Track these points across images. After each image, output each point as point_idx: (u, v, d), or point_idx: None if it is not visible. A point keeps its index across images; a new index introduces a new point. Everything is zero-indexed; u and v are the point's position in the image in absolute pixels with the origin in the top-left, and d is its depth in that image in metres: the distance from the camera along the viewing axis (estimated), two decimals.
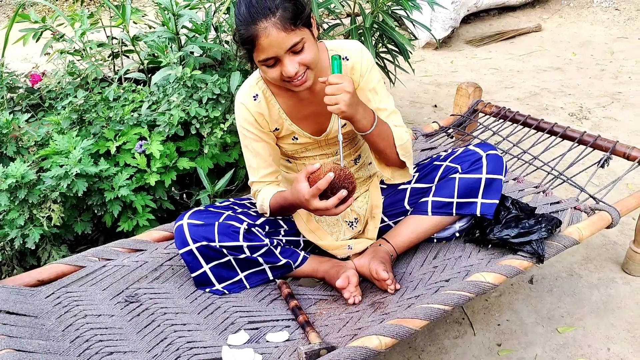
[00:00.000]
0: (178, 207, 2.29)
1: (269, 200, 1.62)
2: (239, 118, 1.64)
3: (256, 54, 1.43)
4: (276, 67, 1.43)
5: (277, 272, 1.71)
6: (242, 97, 1.62)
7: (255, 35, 1.38)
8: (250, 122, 1.61)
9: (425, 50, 5.03)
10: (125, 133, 2.14)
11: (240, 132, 1.65)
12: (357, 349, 1.32)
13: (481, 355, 1.85)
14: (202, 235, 1.59)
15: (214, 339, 1.48)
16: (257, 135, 1.63)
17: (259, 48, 1.40)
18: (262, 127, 1.63)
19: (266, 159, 1.66)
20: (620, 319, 1.98)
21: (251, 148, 1.65)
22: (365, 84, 1.63)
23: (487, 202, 1.71)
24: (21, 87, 2.43)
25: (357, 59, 1.61)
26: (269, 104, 1.62)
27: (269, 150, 1.66)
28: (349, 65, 1.61)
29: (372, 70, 1.63)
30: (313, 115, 1.65)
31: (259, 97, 1.61)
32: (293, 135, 1.67)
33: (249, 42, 1.40)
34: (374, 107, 1.63)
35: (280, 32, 1.37)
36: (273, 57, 1.41)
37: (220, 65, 2.54)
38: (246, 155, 1.67)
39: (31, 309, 1.51)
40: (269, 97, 1.62)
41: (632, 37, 5.19)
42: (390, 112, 1.66)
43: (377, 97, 1.65)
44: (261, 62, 1.44)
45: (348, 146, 1.76)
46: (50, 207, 1.93)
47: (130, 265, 1.70)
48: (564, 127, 2.29)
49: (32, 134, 2.08)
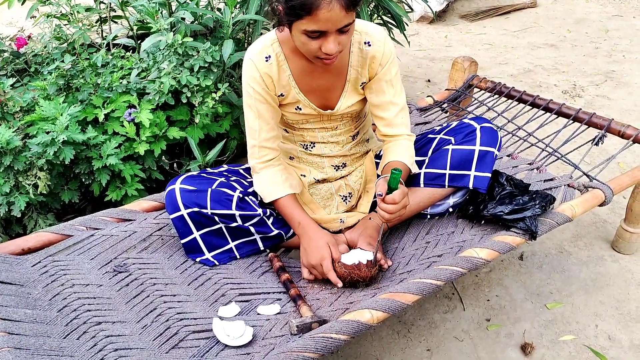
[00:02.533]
0: (167, 177, 2.25)
1: (278, 196, 1.62)
2: (246, 75, 1.57)
3: (305, 23, 1.34)
4: (318, 40, 1.38)
5: (268, 242, 1.69)
6: (253, 55, 1.55)
7: (317, 5, 1.30)
8: (257, 81, 1.55)
9: (419, 24, 4.97)
10: (113, 100, 2.08)
11: (245, 91, 1.59)
12: (349, 323, 1.31)
13: (470, 330, 1.85)
14: (194, 202, 1.56)
15: (205, 310, 1.46)
16: (263, 97, 1.57)
17: (315, 19, 1.32)
18: (268, 89, 1.57)
19: (269, 122, 1.61)
20: (608, 296, 1.99)
21: (255, 109, 1.59)
22: (384, 74, 1.60)
23: (480, 175, 1.69)
24: (6, 51, 2.36)
25: (379, 48, 1.57)
26: (280, 68, 1.56)
27: (272, 113, 1.61)
28: (370, 52, 1.57)
29: (392, 62, 1.60)
30: (322, 89, 1.62)
31: (271, 59, 1.55)
32: (297, 104, 1.63)
33: (304, 9, 1.31)
34: (388, 100, 1.63)
35: (342, 10, 1.31)
36: (322, 31, 1.35)
37: (212, 33, 2.48)
38: (248, 115, 1.61)
39: (17, 277, 1.48)
40: (281, 62, 1.56)
41: (627, 15, 5.16)
42: (401, 108, 1.66)
43: (392, 90, 1.63)
44: (307, 32, 1.36)
45: (349, 123, 1.74)
46: (37, 174, 1.89)
47: (119, 235, 1.67)
48: (560, 104, 2.28)
49: (18, 99, 2.02)
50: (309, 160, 1.77)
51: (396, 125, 1.67)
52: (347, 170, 1.80)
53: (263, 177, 1.64)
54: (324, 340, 1.26)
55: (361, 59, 1.58)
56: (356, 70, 1.60)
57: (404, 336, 1.82)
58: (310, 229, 1.60)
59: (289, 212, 1.62)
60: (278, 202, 1.63)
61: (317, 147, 1.74)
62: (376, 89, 1.63)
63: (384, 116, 1.66)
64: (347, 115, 1.69)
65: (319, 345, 1.26)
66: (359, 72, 1.61)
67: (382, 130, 1.69)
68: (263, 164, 1.64)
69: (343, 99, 1.64)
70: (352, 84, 1.63)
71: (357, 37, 1.57)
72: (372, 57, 1.58)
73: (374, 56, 1.58)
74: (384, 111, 1.65)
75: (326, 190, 1.78)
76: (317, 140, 1.73)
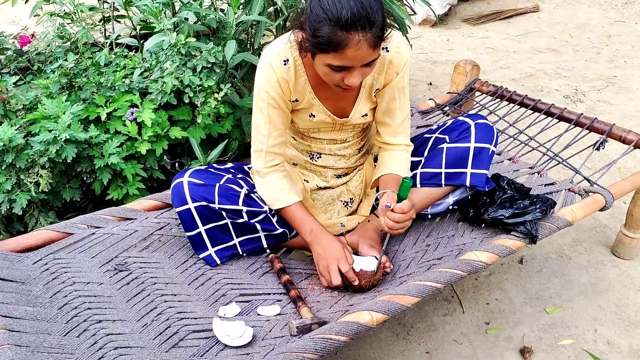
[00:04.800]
0: (169, 177, 2.25)
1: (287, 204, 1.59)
2: (261, 79, 1.51)
3: (330, 58, 1.31)
4: (341, 72, 1.35)
5: (271, 240, 1.69)
6: (271, 58, 1.49)
7: (345, 44, 1.27)
8: (273, 86, 1.50)
9: (421, 27, 4.97)
10: (116, 100, 2.09)
11: (257, 94, 1.54)
12: (348, 324, 1.31)
13: (469, 333, 1.86)
14: (202, 196, 1.55)
15: (205, 310, 1.46)
16: (277, 102, 1.53)
17: (341, 56, 1.30)
18: (284, 94, 1.53)
19: (279, 127, 1.57)
20: (608, 301, 1.99)
21: (266, 113, 1.54)
22: (397, 82, 1.58)
23: (477, 173, 1.68)
24: (9, 49, 2.36)
25: (397, 55, 1.55)
26: (297, 73, 1.52)
27: (283, 118, 1.57)
28: (388, 57, 1.54)
29: (407, 68, 1.59)
30: (337, 97, 1.58)
31: (289, 63, 1.49)
32: (311, 111, 1.60)
33: (331, 45, 1.28)
34: (396, 107, 1.62)
35: (370, 48, 1.29)
36: (347, 67, 1.34)
37: (215, 33, 2.48)
38: (258, 119, 1.57)
39: (18, 274, 1.48)
40: (298, 66, 1.51)
41: (629, 21, 5.16)
42: (406, 116, 1.66)
43: (403, 97, 1.62)
44: (331, 65, 1.34)
45: (358, 135, 1.73)
46: (39, 172, 1.89)
47: (120, 233, 1.67)
48: (561, 109, 2.28)
49: (21, 97, 2.03)
50: (312, 169, 1.77)
51: (399, 134, 1.66)
52: (348, 177, 1.80)
53: (269, 183, 1.61)
54: (323, 341, 1.27)
55: (379, 65, 1.54)
56: (372, 77, 1.57)
57: (403, 338, 1.82)
58: (323, 236, 1.58)
59: (300, 218, 1.60)
60: (287, 209, 1.60)
61: (323, 158, 1.73)
62: (388, 95, 1.60)
63: (389, 123, 1.65)
64: (358, 125, 1.68)
65: (319, 346, 1.26)
66: (375, 77, 1.58)
67: (384, 137, 1.67)
68: (269, 168, 1.61)
69: (357, 106, 1.61)
70: (367, 90, 1.60)
71: None
72: (389, 63, 1.55)
73: (391, 62, 1.55)
74: (390, 118, 1.64)
75: (328, 196, 1.78)
76: (324, 152, 1.72)
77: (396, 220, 1.44)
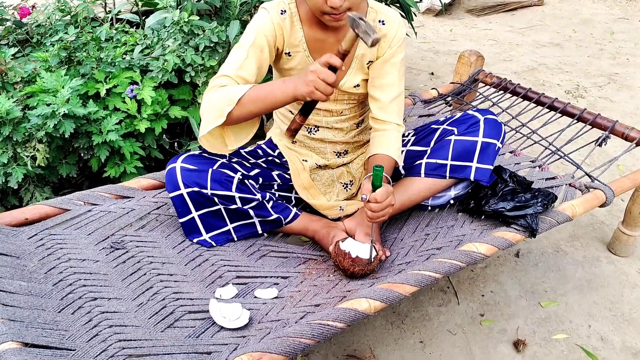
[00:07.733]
0: (167, 156, 2.23)
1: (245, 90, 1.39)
2: (255, 22, 1.50)
3: None
4: None
5: (266, 226, 1.68)
6: (268, 6, 1.53)
7: None
8: (265, 30, 1.49)
9: (425, 16, 4.93)
10: (116, 76, 2.05)
11: (246, 33, 1.51)
12: (346, 311, 1.30)
13: (464, 324, 1.86)
14: (194, 181, 1.54)
15: (201, 291, 1.45)
16: (262, 46, 1.49)
17: None
18: (277, 41, 1.52)
19: (251, 69, 1.47)
20: (602, 297, 2.00)
21: (246, 49, 1.48)
22: (390, 56, 1.60)
23: (481, 167, 1.68)
24: (9, 20, 2.31)
25: (393, 29, 1.58)
26: (292, 26, 1.54)
27: (259, 64, 1.50)
28: (383, 30, 1.57)
29: (401, 46, 1.61)
30: None
31: (286, 14, 1.53)
32: (304, 70, 1.57)
33: None
34: (388, 83, 1.61)
35: None
36: None
37: (217, 13, 2.45)
38: (235, 52, 1.49)
39: (13, 249, 1.46)
40: (295, 20, 1.54)
41: (633, 18, 5.15)
42: (398, 94, 1.64)
43: (395, 73, 1.62)
44: None
45: (355, 108, 1.72)
46: (35, 146, 1.86)
47: (117, 211, 1.65)
48: (565, 103, 2.27)
49: (19, 69, 1.99)
50: (311, 145, 1.76)
51: (389, 110, 1.64)
52: (349, 157, 1.79)
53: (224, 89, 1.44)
54: (320, 327, 1.26)
55: None
56: (364, 47, 1.59)
57: (398, 327, 1.82)
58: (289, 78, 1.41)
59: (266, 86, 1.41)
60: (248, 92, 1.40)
61: (321, 131, 1.72)
62: (380, 69, 1.61)
63: (379, 98, 1.63)
64: (353, 98, 1.67)
65: (315, 332, 1.25)
66: (367, 48, 1.59)
67: (374, 113, 1.65)
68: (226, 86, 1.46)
69: (349, 75, 1.62)
70: (360, 59, 1.61)
71: (372, 15, 1.57)
72: (383, 36, 1.58)
73: (385, 35, 1.58)
74: (381, 92, 1.63)
75: (327, 177, 1.77)
76: (321, 125, 1.71)
77: (373, 210, 1.44)
